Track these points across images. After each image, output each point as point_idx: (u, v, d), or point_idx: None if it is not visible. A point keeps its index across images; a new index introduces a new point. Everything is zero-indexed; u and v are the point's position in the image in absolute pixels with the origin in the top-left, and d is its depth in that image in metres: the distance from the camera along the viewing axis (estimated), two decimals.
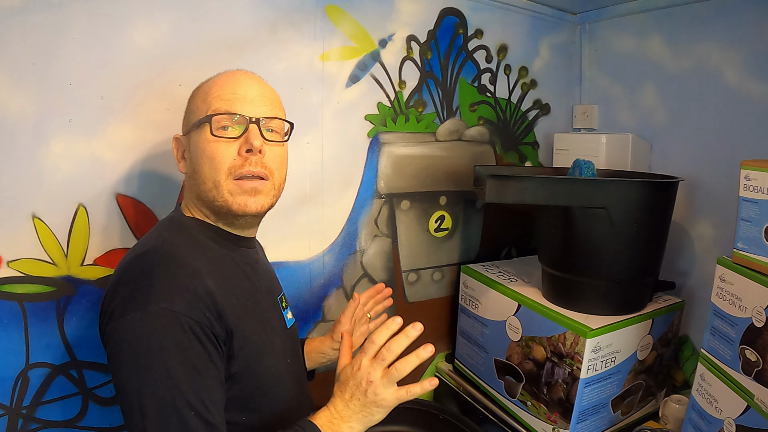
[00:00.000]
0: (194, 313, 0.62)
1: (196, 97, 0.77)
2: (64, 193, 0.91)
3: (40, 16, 0.86)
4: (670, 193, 1.09)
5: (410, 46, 1.29)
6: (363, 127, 1.25)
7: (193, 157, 0.75)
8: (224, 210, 0.74)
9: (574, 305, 1.09)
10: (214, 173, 0.72)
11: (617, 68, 1.49)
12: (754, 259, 0.85)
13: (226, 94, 0.73)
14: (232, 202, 0.72)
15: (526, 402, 1.15)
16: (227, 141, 0.72)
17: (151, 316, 0.60)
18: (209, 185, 0.72)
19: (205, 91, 0.76)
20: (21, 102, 0.86)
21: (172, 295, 0.62)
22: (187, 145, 0.77)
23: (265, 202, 0.75)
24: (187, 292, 0.63)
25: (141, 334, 0.60)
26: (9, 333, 0.88)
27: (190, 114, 0.77)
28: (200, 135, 0.73)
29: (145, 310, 0.61)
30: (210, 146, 0.72)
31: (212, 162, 0.72)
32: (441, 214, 1.41)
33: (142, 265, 0.65)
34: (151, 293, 0.61)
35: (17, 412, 0.90)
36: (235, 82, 0.75)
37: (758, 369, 0.80)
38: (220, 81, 0.75)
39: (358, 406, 0.67)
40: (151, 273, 0.64)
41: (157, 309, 0.60)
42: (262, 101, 0.75)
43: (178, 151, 0.79)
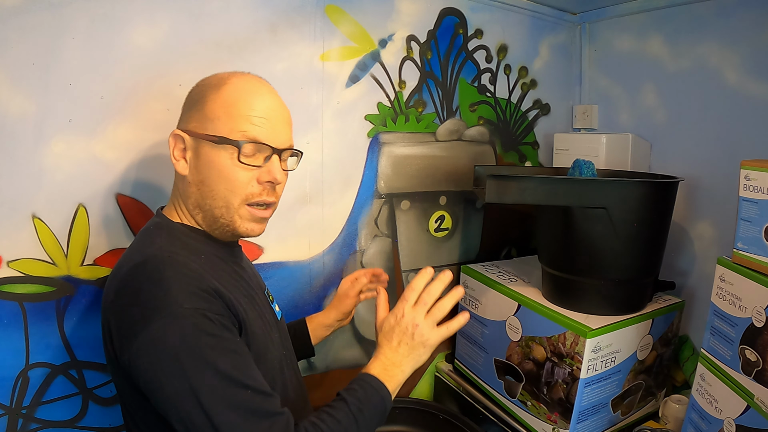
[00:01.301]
0: (214, 308, 0.64)
1: (213, 101, 0.72)
2: (64, 193, 0.91)
3: (40, 16, 0.86)
4: (670, 193, 1.09)
5: (410, 46, 1.29)
6: (363, 127, 1.25)
7: (204, 170, 0.72)
8: (227, 229, 0.75)
9: (574, 305, 1.09)
10: (229, 196, 0.72)
11: (617, 68, 1.49)
12: (754, 259, 0.85)
13: (256, 119, 0.72)
14: (239, 225, 0.74)
15: (526, 402, 1.15)
16: (249, 168, 0.72)
17: (180, 318, 0.60)
18: (219, 203, 0.73)
19: (228, 101, 0.72)
20: (21, 102, 0.86)
21: (191, 295, 0.62)
22: (195, 150, 0.73)
23: (265, 225, 0.78)
24: (201, 291, 0.64)
25: (175, 338, 0.60)
26: (9, 333, 0.88)
27: (206, 120, 0.72)
28: (221, 153, 0.71)
29: (171, 314, 0.60)
30: (232, 170, 0.71)
31: (230, 185, 0.72)
32: (441, 214, 1.41)
33: (148, 273, 0.64)
34: (169, 298, 0.61)
35: (17, 412, 0.90)
36: (264, 105, 0.73)
37: (758, 369, 0.80)
38: (248, 98, 0.72)
39: (406, 350, 0.76)
40: (161, 278, 0.63)
41: (183, 310, 0.61)
42: (285, 128, 0.76)
43: (177, 150, 0.74)
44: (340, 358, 1.29)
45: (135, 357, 0.61)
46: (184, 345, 0.60)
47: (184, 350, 0.59)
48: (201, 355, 0.60)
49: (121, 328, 0.63)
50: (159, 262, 0.65)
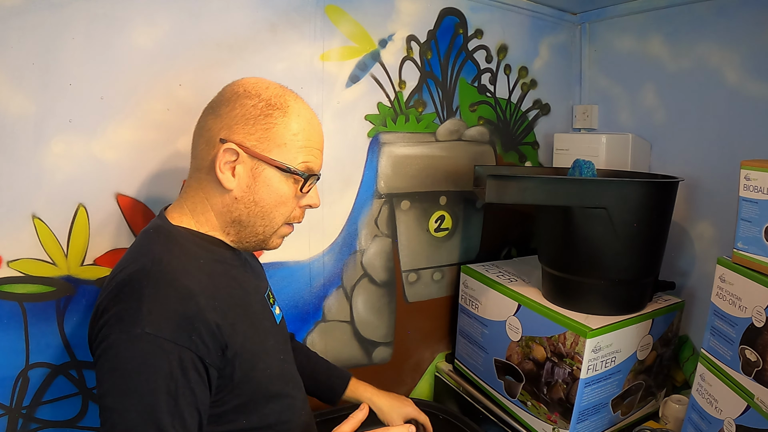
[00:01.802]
0: (180, 339, 0.62)
1: (283, 127, 0.72)
2: (64, 193, 0.91)
3: (40, 16, 0.86)
4: (670, 193, 1.09)
5: (410, 46, 1.29)
6: (363, 127, 1.25)
7: (262, 192, 0.73)
8: (259, 245, 0.78)
9: (574, 305, 1.09)
10: (277, 217, 0.76)
11: (617, 68, 1.49)
12: (754, 259, 0.85)
13: (315, 151, 0.76)
14: (272, 242, 0.79)
15: (526, 402, 1.15)
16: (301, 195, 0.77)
17: (136, 340, 0.60)
18: (268, 223, 0.76)
19: (293, 130, 0.73)
20: (21, 102, 0.86)
21: (159, 320, 0.61)
22: (253, 169, 0.72)
23: None
24: (176, 316, 0.63)
25: (123, 356, 0.60)
26: (9, 333, 0.88)
27: (270, 143, 0.72)
28: (284, 181, 0.74)
29: (129, 332, 0.60)
30: (291, 198, 0.76)
31: (286, 210, 0.76)
32: (441, 214, 1.41)
33: (132, 286, 0.64)
34: (138, 317, 0.61)
35: (17, 412, 0.90)
36: (317, 135, 0.77)
37: (758, 369, 0.80)
38: (308, 128, 0.76)
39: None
40: (140, 295, 0.63)
41: (142, 333, 0.60)
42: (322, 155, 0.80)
43: (226, 162, 0.71)
44: (339, 358, 1.29)
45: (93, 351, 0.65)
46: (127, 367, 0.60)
47: (124, 371, 0.60)
48: (136, 383, 0.60)
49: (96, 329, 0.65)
50: (144, 276, 0.65)
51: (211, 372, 0.65)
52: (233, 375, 0.69)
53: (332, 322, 1.27)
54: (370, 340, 1.34)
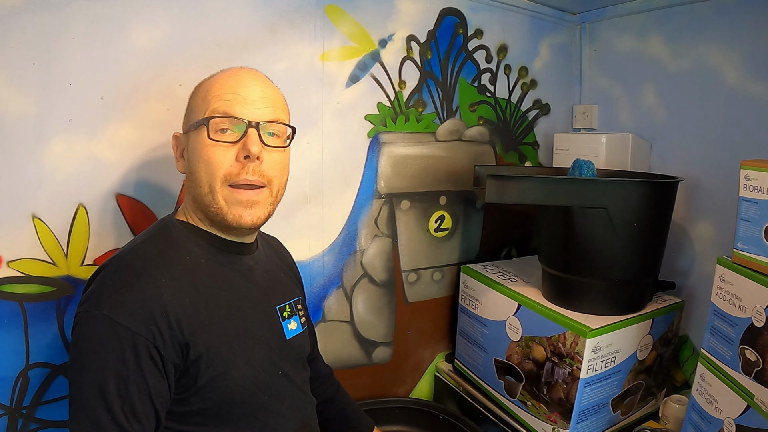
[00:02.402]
0: (135, 325, 0.62)
1: (196, 94, 0.75)
2: (64, 193, 0.91)
3: (40, 16, 0.86)
4: (670, 193, 1.09)
5: (410, 46, 1.29)
6: (363, 127, 1.25)
7: (191, 159, 0.73)
8: (218, 218, 0.72)
9: (574, 305, 1.09)
10: (209, 178, 0.70)
11: (617, 68, 1.49)
12: (754, 259, 0.85)
13: (226, 95, 0.70)
14: (227, 212, 0.71)
15: (526, 402, 1.15)
16: (225, 145, 0.70)
17: (93, 320, 0.62)
18: (205, 190, 0.71)
19: (205, 89, 0.73)
20: (21, 102, 0.86)
21: (118, 305, 0.62)
22: (186, 144, 0.75)
23: (261, 213, 0.73)
24: (134, 303, 0.63)
25: (83, 334, 0.63)
26: (9, 333, 0.88)
27: (190, 113, 0.75)
28: (198, 137, 0.71)
29: (89, 312, 0.63)
30: (207, 150, 0.70)
31: (208, 166, 0.70)
32: (441, 214, 1.41)
33: (108, 268, 0.67)
34: (100, 298, 0.63)
35: (17, 412, 0.90)
36: (237, 82, 0.72)
37: (758, 369, 0.80)
38: (222, 80, 0.73)
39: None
40: (107, 278, 0.66)
41: (100, 314, 0.62)
42: (264, 103, 0.72)
43: (177, 150, 0.77)
44: (339, 358, 1.29)
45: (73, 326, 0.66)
46: (85, 345, 0.62)
47: (82, 349, 0.62)
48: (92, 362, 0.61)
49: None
50: (119, 261, 0.68)
51: (167, 366, 0.64)
52: (197, 377, 0.66)
53: (332, 322, 1.27)
54: (370, 340, 1.34)
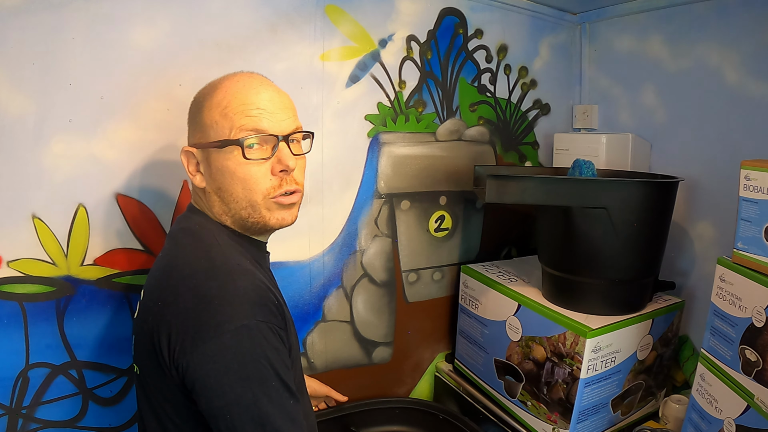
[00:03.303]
0: (274, 320, 0.65)
1: (210, 109, 0.72)
2: (64, 193, 0.91)
3: (40, 16, 0.86)
4: (670, 193, 1.09)
5: (410, 46, 1.29)
6: (363, 127, 1.25)
7: (219, 177, 0.72)
8: (258, 226, 0.74)
9: (574, 305, 1.09)
10: (249, 195, 0.72)
11: (617, 68, 1.49)
12: (754, 259, 0.85)
13: (251, 110, 0.70)
14: (269, 218, 0.74)
15: (526, 402, 1.15)
16: (259, 162, 0.71)
17: (253, 330, 0.62)
18: (243, 204, 0.72)
19: (221, 104, 0.71)
20: (21, 102, 0.86)
21: (261, 307, 0.64)
22: (205, 160, 0.73)
23: (296, 212, 0.78)
24: (265, 300, 0.65)
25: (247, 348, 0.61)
26: (9, 333, 0.88)
27: (207, 128, 0.72)
28: (228, 156, 0.71)
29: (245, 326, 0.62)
30: (242, 169, 0.71)
31: (246, 184, 0.71)
32: (441, 214, 1.41)
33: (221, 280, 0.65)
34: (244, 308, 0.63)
35: (17, 412, 0.90)
36: (256, 95, 0.72)
37: (758, 369, 0.80)
38: (239, 93, 0.72)
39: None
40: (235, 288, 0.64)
41: (256, 323, 0.62)
42: (285, 113, 0.74)
43: (190, 165, 0.75)
44: (339, 358, 1.29)
45: (200, 361, 0.61)
46: (254, 356, 0.62)
47: (253, 361, 0.61)
48: (267, 366, 0.62)
49: (186, 331, 0.62)
50: (230, 270, 0.66)
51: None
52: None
53: (332, 322, 1.27)
54: (370, 340, 1.34)
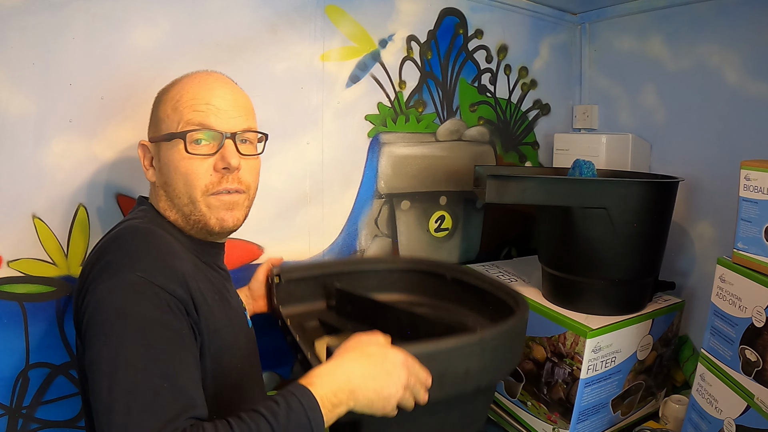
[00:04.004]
0: (170, 287, 0.61)
1: (164, 103, 0.73)
2: (64, 193, 0.91)
3: (40, 16, 0.86)
4: (670, 193, 1.09)
5: (410, 46, 1.29)
6: (363, 127, 1.25)
7: (165, 170, 0.72)
8: (200, 225, 0.72)
9: (574, 305, 1.09)
10: (189, 189, 0.70)
11: (617, 68, 1.49)
12: (754, 259, 0.85)
13: (199, 105, 0.70)
14: (209, 217, 0.71)
15: (526, 402, 1.15)
16: (202, 157, 0.70)
17: (128, 284, 0.59)
18: (185, 200, 0.71)
19: (175, 98, 0.72)
20: (21, 102, 0.86)
21: (151, 267, 0.61)
22: (156, 154, 0.74)
23: (240, 215, 0.75)
24: (166, 266, 0.62)
25: (118, 301, 0.58)
26: (9, 333, 0.88)
27: (159, 122, 0.73)
28: (172, 149, 0.70)
29: (120, 277, 0.59)
30: (184, 163, 0.69)
31: (187, 179, 0.70)
32: (441, 214, 1.41)
33: (121, 237, 0.64)
34: (126, 263, 0.60)
35: (17, 412, 0.90)
36: (208, 91, 0.71)
37: (758, 369, 0.80)
38: (192, 89, 0.71)
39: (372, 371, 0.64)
40: (130, 243, 0.63)
41: (134, 277, 0.59)
42: (237, 111, 0.73)
43: (145, 159, 0.76)
44: None
45: (83, 311, 0.60)
46: (122, 311, 0.57)
47: (119, 315, 0.57)
48: (134, 328, 0.57)
49: (86, 283, 0.62)
50: (135, 229, 0.66)
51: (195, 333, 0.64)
52: (205, 357, 0.66)
53: None
54: None
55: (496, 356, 0.75)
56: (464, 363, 0.71)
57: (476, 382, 0.73)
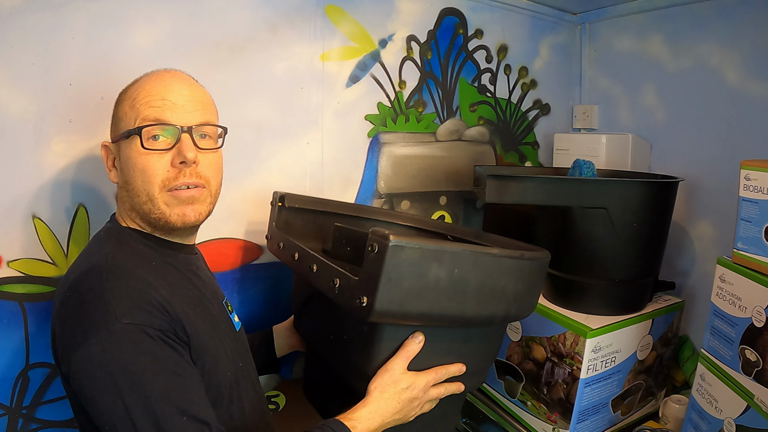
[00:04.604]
0: (156, 323, 0.61)
1: (123, 102, 0.73)
2: (64, 193, 0.91)
3: (40, 16, 0.86)
4: (670, 193, 1.09)
5: (410, 46, 1.29)
6: (363, 127, 1.25)
7: (125, 169, 0.71)
8: (161, 222, 0.71)
9: (574, 305, 1.09)
10: (147, 186, 0.69)
11: (617, 68, 1.49)
12: (754, 259, 0.84)
13: (155, 101, 0.70)
14: (169, 213, 0.70)
15: (526, 402, 1.15)
16: (159, 153, 0.69)
17: (118, 335, 0.59)
18: (143, 198, 0.70)
19: (132, 96, 0.71)
20: (21, 102, 0.86)
21: (131, 309, 0.60)
22: (117, 153, 0.73)
23: (202, 209, 0.73)
24: (144, 302, 0.62)
25: (112, 355, 0.58)
26: (9, 333, 0.88)
27: (119, 121, 0.73)
28: (130, 146, 0.70)
29: (109, 330, 0.59)
30: (141, 159, 0.69)
31: (144, 175, 0.69)
32: (441, 214, 1.41)
33: (89, 283, 0.63)
34: (108, 311, 0.59)
35: (17, 412, 0.90)
36: (164, 87, 0.71)
37: (758, 369, 0.80)
38: (148, 85, 0.71)
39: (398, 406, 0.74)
40: (102, 290, 0.61)
41: (121, 326, 0.59)
42: (194, 106, 0.72)
43: (108, 160, 0.75)
44: None
45: (73, 371, 0.60)
46: (121, 363, 0.58)
47: (120, 368, 0.58)
48: (137, 374, 0.58)
49: (63, 339, 0.62)
50: (103, 271, 0.63)
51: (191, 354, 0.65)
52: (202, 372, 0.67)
53: None
54: None
55: (527, 284, 0.77)
56: (502, 279, 0.73)
57: (506, 307, 0.75)
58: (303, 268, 0.78)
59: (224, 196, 1.11)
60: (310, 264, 0.76)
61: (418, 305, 0.67)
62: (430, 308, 0.68)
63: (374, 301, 0.63)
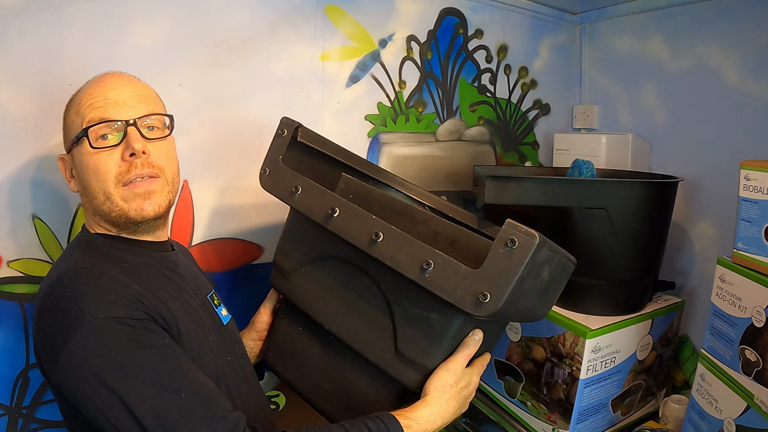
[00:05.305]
0: (134, 314, 0.62)
1: (69, 111, 0.74)
2: (64, 193, 0.91)
3: (40, 16, 0.86)
4: (670, 193, 1.09)
5: (410, 46, 1.29)
6: (363, 127, 1.25)
7: (80, 174, 0.72)
8: (122, 219, 0.71)
9: (574, 305, 1.09)
10: (102, 185, 0.70)
11: (617, 68, 1.49)
12: (754, 259, 0.84)
13: (97, 102, 0.71)
14: (128, 209, 0.70)
15: (526, 402, 1.15)
16: (109, 150, 0.70)
17: (96, 330, 0.58)
18: (101, 198, 0.70)
19: (76, 103, 0.73)
20: (21, 102, 0.86)
21: (106, 305, 0.61)
22: (72, 162, 0.74)
23: (161, 201, 0.73)
24: (119, 297, 0.62)
25: (96, 351, 0.58)
26: (9, 333, 0.88)
27: (68, 130, 0.74)
28: (81, 150, 0.71)
29: (86, 328, 0.58)
30: (92, 159, 0.70)
31: (97, 174, 0.70)
32: None
33: (61, 290, 0.63)
34: (83, 311, 0.59)
35: (17, 412, 0.90)
36: (104, 87, 0.72)
37: (758, 369, 0.80)
38: (90, 89, 0.72)
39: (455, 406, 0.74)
40: (74, 293, 0.61)
41: (98, 322, 0.59)
42: (136, 101, 0.73)
43: (66, 171, 0.76)
44: None
45: (61, 377, 0.60)
46: (106, 358, 0.58)
47: (106, 363, 0.58)
48: (124, 364, 0.58)
49: (45, 348, 0.62)
50: (71, 275, 0.63)
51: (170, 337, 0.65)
52: None
53: None
54: None
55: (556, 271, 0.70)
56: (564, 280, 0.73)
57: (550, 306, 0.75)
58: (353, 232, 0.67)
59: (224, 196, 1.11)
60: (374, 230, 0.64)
61: (522, 304, 0.64)
62: (525, 307, 0.66)
63: (501, 298, 0.58)
